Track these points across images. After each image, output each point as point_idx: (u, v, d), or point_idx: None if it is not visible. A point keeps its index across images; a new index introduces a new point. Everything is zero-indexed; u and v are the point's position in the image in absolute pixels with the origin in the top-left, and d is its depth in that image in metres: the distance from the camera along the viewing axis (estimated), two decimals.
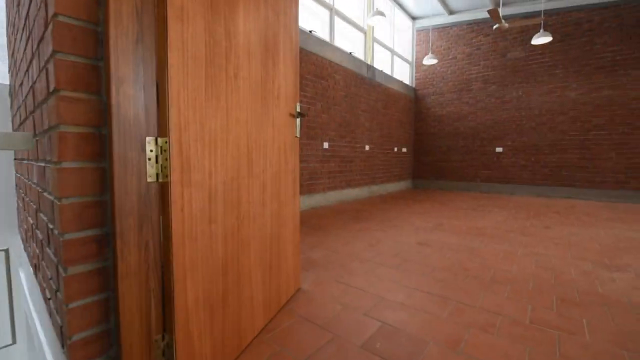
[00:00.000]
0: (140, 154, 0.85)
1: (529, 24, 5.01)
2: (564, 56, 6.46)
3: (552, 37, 5.35)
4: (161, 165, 0.89)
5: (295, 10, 1.68)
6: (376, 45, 6.75)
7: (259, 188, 1.36)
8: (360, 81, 6.00)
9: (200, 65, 0.98)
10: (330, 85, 5.15)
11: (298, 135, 1.77)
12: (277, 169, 1.53)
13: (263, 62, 1.35)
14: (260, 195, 1.38)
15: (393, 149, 7.29)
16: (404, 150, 7.85)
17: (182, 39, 0.91)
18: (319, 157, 4.96)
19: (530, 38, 6.70)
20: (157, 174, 0.89)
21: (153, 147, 0.88)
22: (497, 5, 6.95)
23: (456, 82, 7.69)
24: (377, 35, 6.72)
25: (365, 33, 6.32)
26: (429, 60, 6.67)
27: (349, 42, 5.95)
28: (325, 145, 5.05)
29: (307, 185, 4.78)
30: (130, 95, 0.82)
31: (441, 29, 7.83)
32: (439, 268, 2.32)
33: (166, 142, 0.89)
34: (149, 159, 0.87)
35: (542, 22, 5.12)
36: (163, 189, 0.91)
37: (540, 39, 5.46)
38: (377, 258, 2.52)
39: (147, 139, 0.87)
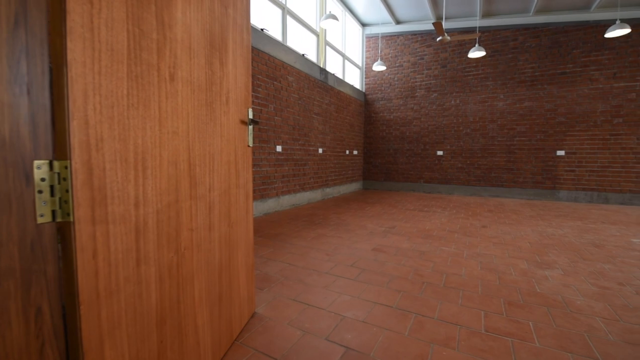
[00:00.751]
0: (24, 186, 0.59)
1: (467, 38, 5.33)
2: (493, 70, 7.06)
3: (482, 48, 5.79)
4: (60, 199, 0.63)
5: (247, 4, 1.47)
6: (328, 49, 6.69)
7: (205, 210, 1.13)
8: (314, 84, 5.88)
9: (120, 61, 0.73)
10: (283, 86, 4.94)
11: (251, 144, 1.56)
12: (227, 185, 1.30)
13: (209, 61, 1.12)
14: (207, 218, 1.14)
15: (345, 152, 7.31)
16: (355, 152, 7.93)
17: (91, 25, 0.66)
18: (272, 160, 4.72)
19: (467, 51, 7.20)
20: (54, 212, 0.63)
21: (46, 175, 0.61)
22: (440, 18, 7.35)
23: (402, 89, 7.99)
24: (329, 38, 6.66)
25: (317, 36, 6.21)
26: (378, 67, 6.81)
27: (301, 44, 5.78)
28: (279, 148, 4.83)
29: (260, 191, 4.52)
30: (3, 102, 0.55)
31: (389, 37, 8.06)
32: (395, 276, 2.28)
33: (67, 167, 0.63)
34: (40, 192, 0.61)
35: (477, 38, 5.50)
36: (64, 231, 0.65)
37: (476, 53, 5.87)
38: (335, 269, 2.40)
39: (36, 163, 0.60)
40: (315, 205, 5.64)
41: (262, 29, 4.55)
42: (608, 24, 6.08)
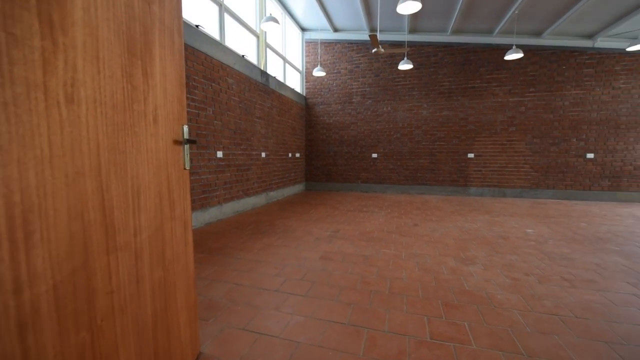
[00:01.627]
0: None
1: (397, 52, 5.59)
2: (418, 81, 7.58)
3: (410, 62, 6.17)
4: None
5: (177, 1, 1.19)
6: (269, 52, 6.39)
7: (130, 261, 0.87)
8: (255, 87, 5.55)
9: None
10: (222, 89, 4.53)
11: (187, 166, 1.30)
12: (159, 221, 1.04)
13: (127, 73, 0.86)
14: (133, 269, 0.88)
15: (288, 155, 7.12)
16: (298, 155, 7.80)
17: None
18: (213, 167, 4.31)
19: (397, 63, 7.60)
20: None
21: None
22: (374, 30, 7.60)
23: (340, 95, 8.10)
24: (270, 41, 6.37)
25: (258, 37, 5.88)
26: (318, 72, 6.76)
27: (241, 44, 5.40)
28: (220, 154, 4.43)
29: (201, 200, 4.08)
30: None
31: (328, 44, 8.08)
32: (345, 287, 2.22)
33: None
34: None
35: (405, 52, 5.81)
36: None
37: (404, 66, 6.21)
38: (285, 285, 2.23)
39: None
40: (260, 210, 5.36)
41: (197, 26, 4.08)
42: (507, 48, 6.99)
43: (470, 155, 7.42)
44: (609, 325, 1.75)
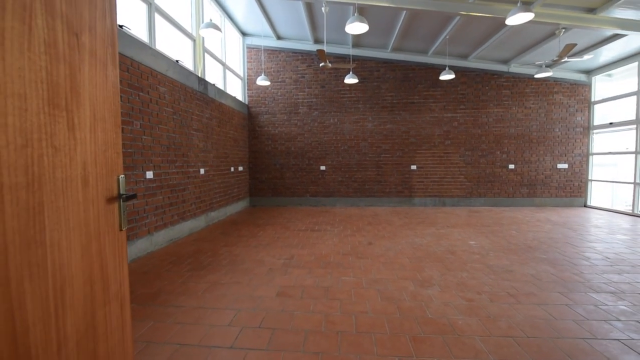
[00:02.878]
0: None
1: (343, 67, 5.77)
2: (363, 94, 7.95)
3: (355, 76, 6.43)
4: None
5: (112, 21, 0.98)
6: (207, 57, 6.01)
7: None
8: (192, 95, 5.13)
9: None
10: (153, 98, 4.07)
11: (124, 226, 1.07)
12: (90, 315, 0.81)
13: (47, 133, 0.65)
14: None
15: (230, 169, 6.74)
16: (241, 169, 7.45)
17: None
18: (142, 190, 3.81)
19: (342, 74, 7.85)
20: None
21: None
22: (319, 41, 7.74)
23: (286, 105, 8.03)
24: (208, 45, 5.99)
25: (194, 41, 5.48)
26: (262, 82, 6.60)
27: (175, 49, 4.95)
28: (149, 174, 3.94)
29: (126, 231, 3.55)
30: None
31: (271, 52, 7.96)
32: (310, 331, 2.11)
33: None
34: None
35: (351, 68, 6.03)
36: None
37: (350, 80, 6.44)
38: (241, 338, 2.02)
39: None
40: (200, 236, 4.92)
41: (121, 26, 3.61)
42: (440, 68, 7.78)
43: (413, 167, 8.01)
44: (555, 343, 1.98)
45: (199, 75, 5.49)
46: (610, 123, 7.20)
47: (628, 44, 6.10)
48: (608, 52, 6.57)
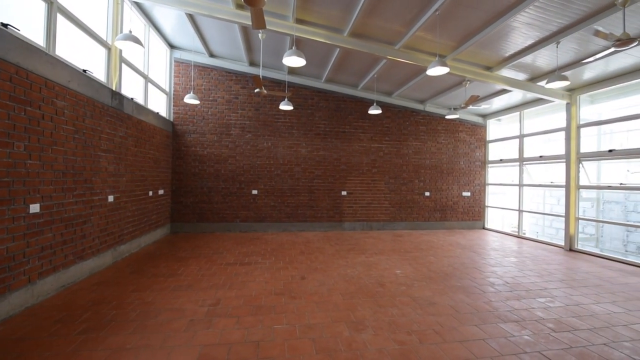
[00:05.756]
0: None
1: (279, 95, 5.67)
2: (297, 120, 7.96)
3: (290, 103, 6.40)
4: None
5: None
6: (125, 68, 5.26)
7: None
8: (102, 111, 4.36)
9: None
10: (46, 115, 3.29)
11: None
12: None
13: None
14: None
15: (148, 193, 5.89)
16: (161, 192, 6.60)
17: None
18: (21, 229, 2.96)
19: (278, 100, 7.75)
20: None
21: None
22: (254, 64, 7.54)
23: (217, 125, 7.52)
24: (127, 55, 5.25)
25: (109, 49, 4.74)
26: (191, 100, 6.06)
27: (83, 56, 4.18)
28: (35, 207, 3.11)
29: None
30: None
31: (203, 68, 7.44)
32: None
33: None
34: None
35: (287, 96, 5.98)
36: None
37: (285, 106, 6.37)
38: None
39: None
40: (104, 277, 4.08)
41: (5, 25, 2.87)
42: (368, 102, 8.30)
43: (344, 193, 8.23)
44: None
45: (113, 89, 4.74)
46: (500, 160, 8.60)
47: (512, 97, 7.44)
48: (499, 102, 7.91)
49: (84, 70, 4.06)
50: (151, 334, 2.59)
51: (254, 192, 7.67)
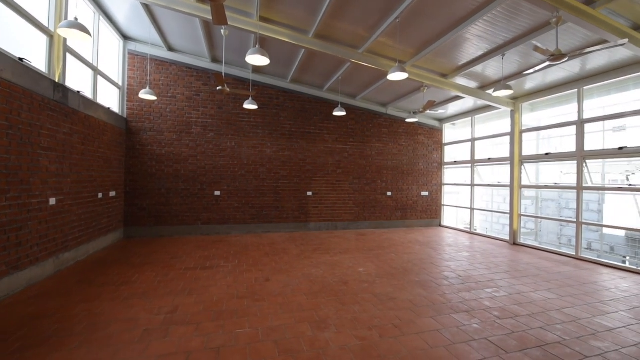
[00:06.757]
0: None
1: (242, 94, 5.54)
2: (262, 120, 7.83)
3: (255, 102, 6.28)
4: None
5: None
6: (70, 58, 4.79)
7: None
8: (42, 105, 3.94)
9: None
10: None
11: None
12: None
13: None
14: None
15: (97, 195, 5.43)
16: (113, 194, 6.11)
17: None
18: None
19: (242, 99, 7.55)
20: None
21: None
22: (217, 60, 7.27)
23: (176, 123, 7.15)
24: (73, 44, 4.79)
25: (51, 36, 4.29)
26: (147, 96, 5.68)
27: (20, 44, 3.74)
28: None
29: None
30: None
31: (160, 62, 7.02)
32: None
33: None
34: None
35: (251, 95, 5.86)
36: None
37: (249, 105, 6.24)
38: None
39: None
40: (45, 288, 3.69)
41: None
42: (333, 103, 8.41)
43: (309, 193, 8.25)
44: None
45: (56, 80, 4.30)
46: (455, 161, 9.17)
47: (465, 103, 7.98)
48: (453, 107, 8.43)
49: (20, 59, 3.63)
50: (99, 348, 2.39)
51: (217, 193, 7.41)
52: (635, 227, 6.60)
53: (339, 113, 7.12)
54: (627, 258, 7.72)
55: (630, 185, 7.33)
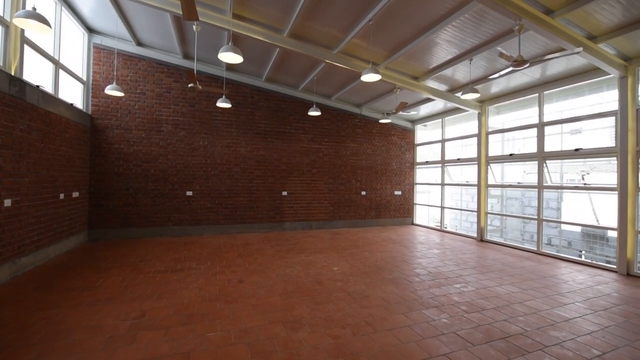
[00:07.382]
0: None
1: (215, 92, 5.43)
2: (237, 119, 7.72)
3: (228, 101, 6.17)
4: None
5: None
6: (29, 50, 4.47)
7: None
8: None
9: None
10: None
11: None
12: None
13: None
14: None
15: (58, 196, 5.11)
16: (76, 195, 5.78)
17: None
18: None
19: (215, 97, 7.39)
20: None
21: None
22: (188, 57, 7.07)
23: (145, 120, 6.87)
24: (31, 35, 4.47)
25: (6, 27, 3.99)
26: (113, 91, 5.41)
27: None
28: None
29: None
30: None
31: (128, 57, 6.72)
32: None
33: None
34: None
35: (224, 93, 5.76)
36: None
37: (223, 104, 6.13)
38: None
39: None
40: None
41: None
42: (309, 103, 8.44)
43: (284, 193, 8.23)
44: None
45: (12, 73, 4.01)
46: (426, 161, 9.51)
47: (436, 105, 8.29)
48: (425, 109, 8.74)
49: None
50: (59, 358, 2.27)
51: (189, 193, 7.21)
52: (590, 224, 7.19)
53: (314, 113, 7.16)
54: (583, 252, 8.38)
55: (585, 184, 7.95)
